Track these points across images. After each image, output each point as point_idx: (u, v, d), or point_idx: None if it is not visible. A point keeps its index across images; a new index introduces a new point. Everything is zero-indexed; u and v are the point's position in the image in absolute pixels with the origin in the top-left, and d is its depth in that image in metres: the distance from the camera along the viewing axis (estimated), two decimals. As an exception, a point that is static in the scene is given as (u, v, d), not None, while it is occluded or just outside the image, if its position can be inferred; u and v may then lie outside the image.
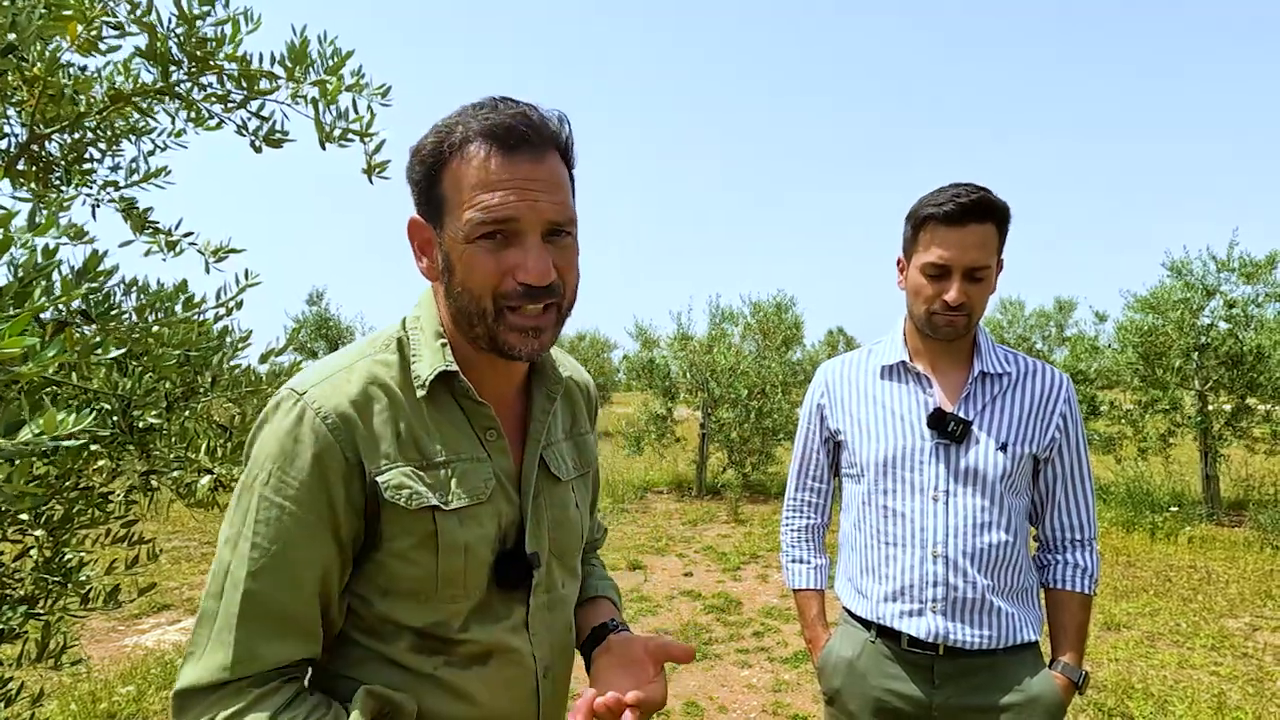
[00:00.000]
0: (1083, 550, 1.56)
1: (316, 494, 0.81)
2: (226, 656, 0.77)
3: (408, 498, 0.84)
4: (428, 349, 0.90)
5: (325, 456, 0.81)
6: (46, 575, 1.53)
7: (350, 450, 0.83)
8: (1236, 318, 7.69)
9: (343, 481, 0.82)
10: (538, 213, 0.83)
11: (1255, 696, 3.71)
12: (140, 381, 1.35)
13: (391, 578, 0.86)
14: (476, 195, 0.82)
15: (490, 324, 0.85)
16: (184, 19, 1.36)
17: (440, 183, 0.85)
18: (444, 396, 0.91)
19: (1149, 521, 7.25)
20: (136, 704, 3.54)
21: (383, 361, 0.89)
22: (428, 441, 0.87)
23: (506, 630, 0.92)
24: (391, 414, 0.86)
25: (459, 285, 0.85)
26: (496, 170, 0.82)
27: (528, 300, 0.84)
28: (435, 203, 0.86)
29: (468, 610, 0.89)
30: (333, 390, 0.84)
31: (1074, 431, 1.55)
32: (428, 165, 0.86)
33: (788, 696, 3.75)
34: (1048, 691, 1.46)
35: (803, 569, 1.75)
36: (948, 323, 1.48)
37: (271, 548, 0.79)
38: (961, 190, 1.43)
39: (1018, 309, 12.69)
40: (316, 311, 14.76)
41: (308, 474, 0.81)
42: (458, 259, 0.84)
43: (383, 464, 0.84)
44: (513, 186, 0.82)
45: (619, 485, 9.69)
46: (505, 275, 0.83)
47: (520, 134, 0.82)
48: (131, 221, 1.63)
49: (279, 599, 0.80)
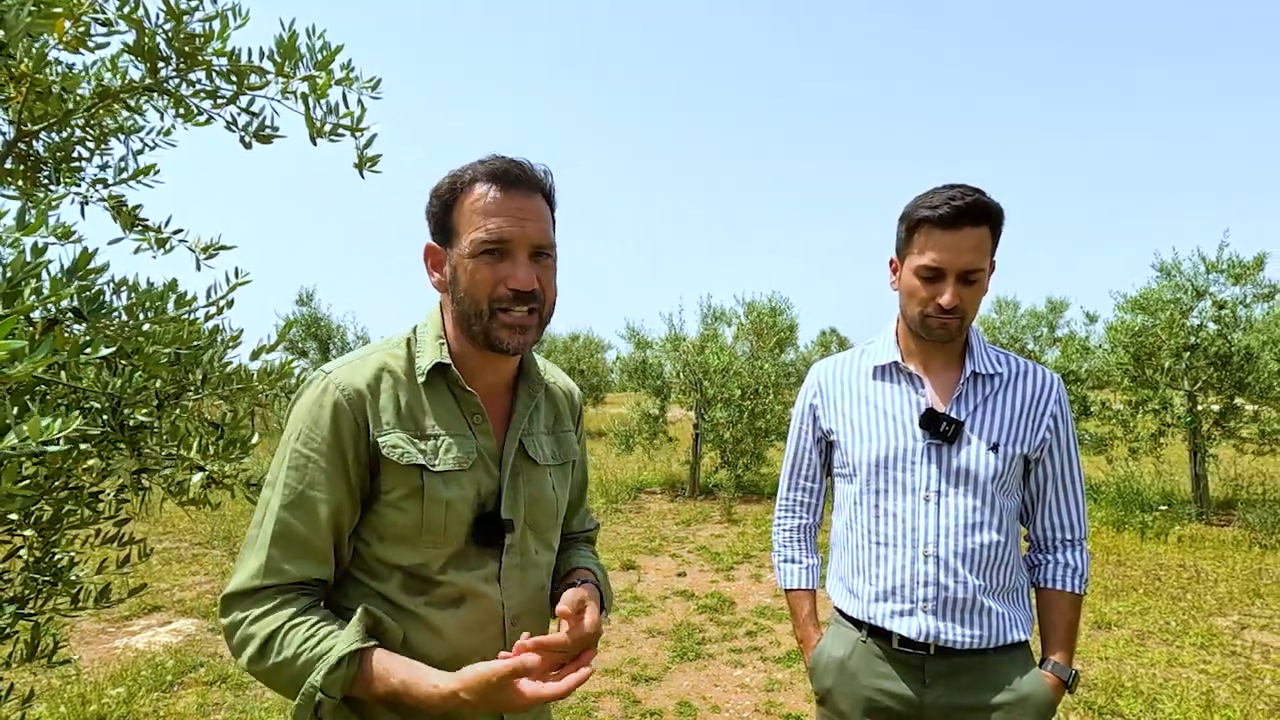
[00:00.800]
0: (1073, 550, 1.56)
1: (334, 449, 1.04)
2: (260, 568, 1.01)
3: (400, 455, 1.06)
4: (429, 347, 1.14)
5: (342, 420, 1.05)
6: (36, 575, 1.52)
7: (361, 417, 1.06)
8: (1225, 318, 7.75)
9: (353, 441, 1.05)
10: (526, 236, 1.07)
11: (1243, 694, 3.74)
12: (131, 380, 1.34)
13: (386, 524, 1.07)
14: (481, 220, 1.06)
15: (486, 322, 1.08)
16: (172, 15, 1.36)
17: (452, 213, 1.09)
18: (439, 384, 1.13)
19: (1139, 521, 7.29)
20: (126, 706, 3.52)
21: (393, 355, 1.13)
22: (423, 417, 1.10)
23: (479, 579, 1.12)
24: (395, 394, 1.10)
25: (463, 292, 1.09)
26: (497, 202, 1.07)
27: (516, 303, 1.07)
28: (447, 229, 1.10)
29: (446, 556, 1.09)
30: (350, 372, 1.09)
31: (1065, 432, 1.55)
32: (443, 200, 1.10)
33: (780, 696, 3.76)
34: (1038, 690, 1.47)
35: (794, 569, 1.75)
36: (941, 325, 1.48)
37: (299, 488, 1.03)
38: (956, 193, 1.43)
39: (1011, 309, 12.74)
40: (307, 312, 14.70)
41: (328, 432, 1.04)
42: (463, 271, 1.08)
43: (385, 429, 1.07)
44: (509, 214, 1.06)
45: (613, 485, 9.69)
46: (499, 283, 1.07)
47: (516, 175, 1.08)
48: (121, 219, 1.62)
49: (302, 527, 1.02)
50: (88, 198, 1.63)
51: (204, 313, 1.51)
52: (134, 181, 1.61)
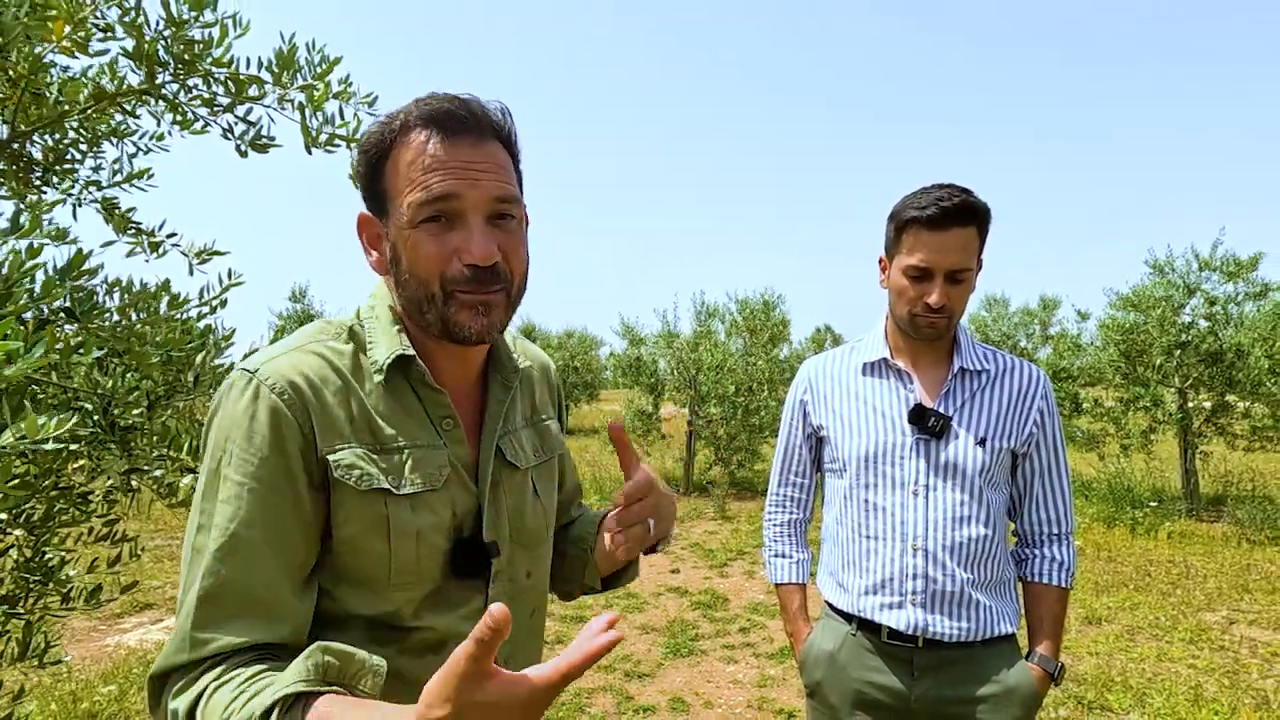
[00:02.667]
0: (1059, 544, 1.59)
1: (277, 468, 0.80)
2: (185, 638, 0.76)
3: (358, 478, 0.83)
4: (384, 335, 0.90)
5: (283, 428, 0.80)
6: (27, 574, 1.52)
7: (305, 423, 0.82)
8: (1216, 316, 7.80)
9: (300, 455, 0.81)
10: (480, 192, 0.84)
11: (1231, 689, 3.78)
12: (122, 380, 1.35)
13: (344, 567, 0.85)
14: (418, 177, 0.83)
15: (441, 307, 0.85)
16: (172, 22, 1.36)
17: (384, 173, 0.86)
18: (400, 383, 0.90)
19: (1130, 517, 7.34)
20: (118, 704, 3.52)
21: (334, 349, 0.89)
22: (382, 426, 0.87)
23: (462, 618, 0.90)
24: (344, 396, 0.86)
25: (406, 273, 0.86)
26: (437, 153, 0.83)
27: (475, 285, 0.84)
28: (380, 194, 0.87)
29: (420, 598, 0.88)
30: (286, 366, 0.84)
31: (1051, 427, 1.58)
32: (370, 157, 0.87)
33: (773, 691, 3.78)
34: (1024, 683, 1.49)
35: (785, 563, 1.77)
36: (929, 324, 1.50)
37: (232, 527, 0.78)
38: (944, 193, 1.45)
39: (1003, 306, 12.79)
40: (300, 308, 14.66)
41: (268, 448, 0.80)
42: (403, 246, 0.85)
43: (336, 443, 0.83)
44: (453, 168, 0.83)
45: (606, 482, 9.70)
46: (450, 258, 0.84)
47: (459, 119, 0.84)
48: (114, 222, 1.62)
49: (240, 579, 0.77)
50: (80, 200, 1.63)
51: (197, 312, 1.52)
52: (128, 185, 1.62)
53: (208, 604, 0.77)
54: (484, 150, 0.85)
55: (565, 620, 4.77)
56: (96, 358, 1.18)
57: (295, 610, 0.81)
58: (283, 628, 0.80)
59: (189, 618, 0.76)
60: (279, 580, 0.80)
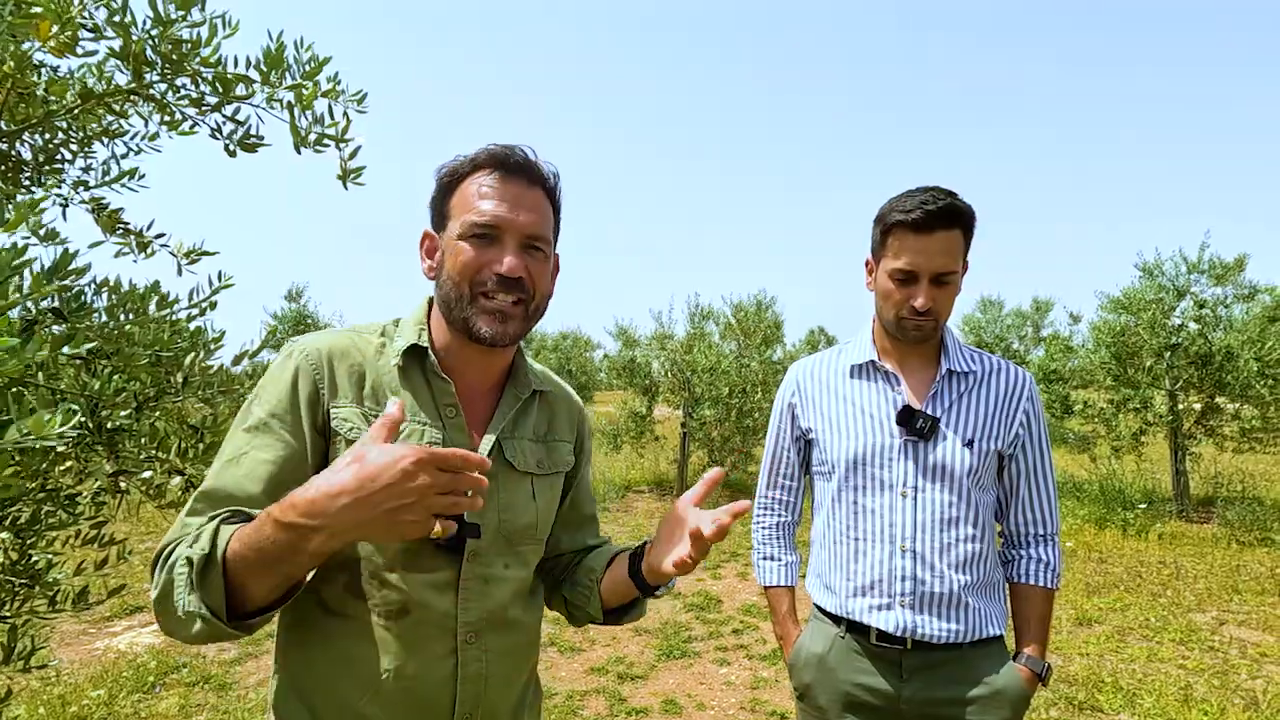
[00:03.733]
0: (1045, 545, 1.59)
1: (290, 409, 0.99)
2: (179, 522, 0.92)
3: (349, 430, 0.99)
4: (408, 332, 1.09)
5: (301, 379, 1.00)
6: (13, 578, 1.51)
7: (320, 380, 1.01)
8: (1206, 318, 7.85)
9: (309, 406, 1.00)
10: (519, 223, 1.03)
11: (1221, 689, 3.80)
12: (110, 381, 1.34)
13: None
14: (475, 203, 1.02)
15: (465, 306, 1.03)
16: (159, 22, 1.36)
17: (451, 197, 1.06)
18: (414, 371, 1.07)
19: (1121, 518, 7.38)
20: (108, 707, 3.50)
21: (365, 338, 1.08)
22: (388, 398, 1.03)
23: (428, 585, 1.02)
24: (360, 370, 1.04)
25: (446, 274, 1.04)
26: (494, 186, 1.03)
27: (500, 289, 1.02)
28: (444, 213, 1.07)
29: (397, 550, 1.00)
30: (318, 340, 1.05)
31: (1037, 428, 1.58)
32: (444, 184, 1.07)
33: (765, 693, 3.78)
34: (1012, 684, 1.50)
35: (773, 566, 1.77)
36: (916, 327, 1.51)
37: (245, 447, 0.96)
38: (929, 197, 1.46)
39: (996, 309, 12.85)
40: (295, 309, 14.62)
41: (287, 390, 0.99)
42: (449, 252, 1.04)
43: (340, 400, 1.01)
44: (504, 199, 1.03)
45: (600, 484, 9.70)
46: (483, 267, 1.02)
47: (517, 163, 1.05)
48: (102, 222, 1.61)
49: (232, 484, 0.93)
50: (69, 200, 1.62)
51: (186, 314, 1.51)
52: (117, 185, 1.61)
53: (202, 499, 0.93)
54: (531, 194, 1.05)
55: (558, 622, 4.77)
56: (84, 357, 1.18)
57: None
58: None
59: (187, 506, 0.94)
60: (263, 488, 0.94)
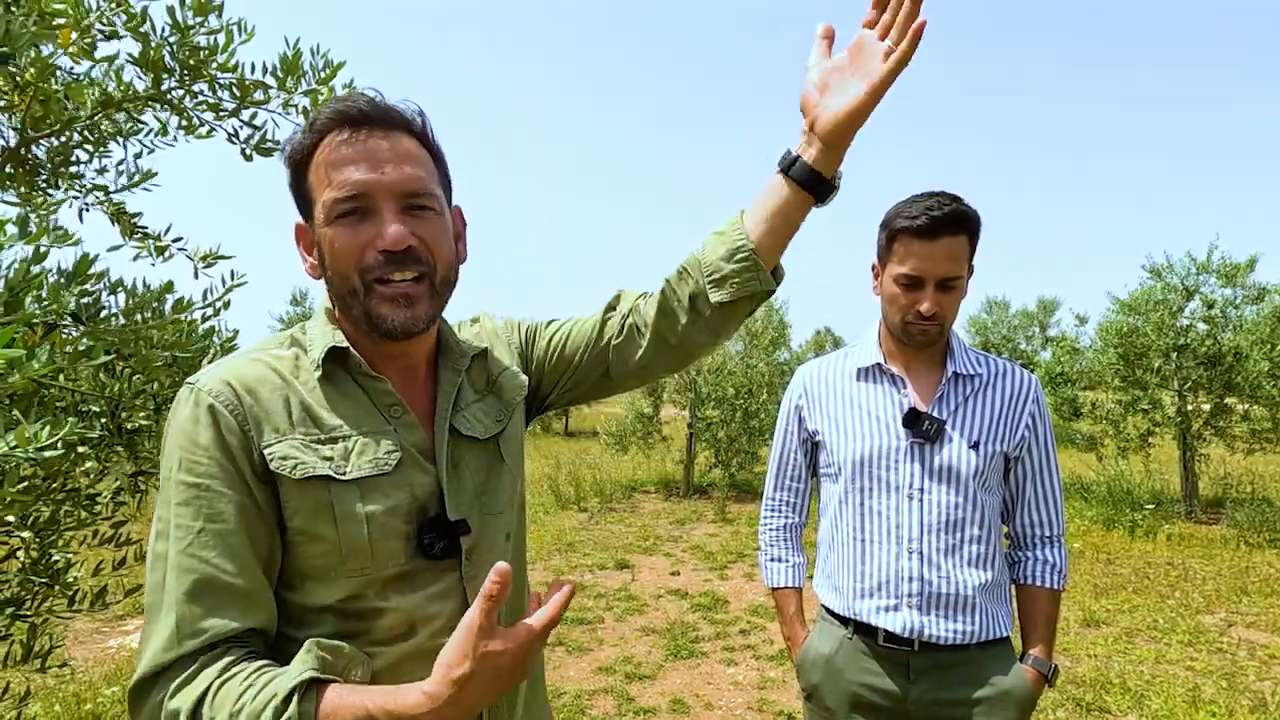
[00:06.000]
0: (1052, 546, 1.60)
1: (225, 465, 0.83)
2: (172, 634, 0.78)
3: (293, 467, 0.84)
4: (320, 335, 0.93)
5: (222, 429, 0.83)
6: (33, 577, 1.54)
7: (242, 421, 0.84)
8: (1215, 319, 7.82)
9: (242, 451, 0.84)
10: (387, 182, 0.86)
11: (1229, 691, 3.79)
12: (129, 383, 1.37)
13: (302, 556, 0.86)
14: (330, 174, 0.86)
15: (363, 300, 0.87)
16: (177, 28, 1.38)
17: (307, 178, 0.89)
18: (340, 376, 0.92)
19: (1129, 519, 7.35)
20: (122, 705, 3.53)
21: (275, 355, 0.92)
22: (325, 417, 0.88)
23: (430, 598, 0.91)
24: (284, 394, 0.88)
25: (330, 270, 0.88)
26: (345, 148, 0.86)
27: (392, 267, 0.86)
28: (307, 199, 0.90)
29: (383, 580, 0.88)
30: (221, 374, 0.87)
31: (1043, 430, 1.59)
32: (295, 164, 0.90)
33: (773, 694, 3.79)
34: (1019, 685, 1.51)
35: (781, 567, 1.79)
36: (921, 331, 1.52)
37: (196, 524, 0.81)
38: (934, 202, 1.47)
39: (1003, 310, 12.82)
40: (300, 312, 14.70)
41: (213, 448, 0.82)
42: (325, 245, 0.88)
43: (271, 438, 0.85)
44: (362, 159, 0.86)
45: (607, 484, 9.72)
46: (365, 249, 0.86)
47: (363, 112, 0.87)
48: (120, 226, 1.63)
49: (214, 570, 0.80)
50: (87, 204, 1.64)
51: (200, 314, 1.53)
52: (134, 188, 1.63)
53: (191, 598, 0.79)
54: (393, 143, 0.88)
55: (565, 622, 4.78)
56: (104, 362, 1.20)
57: (268, 597, 0.84)
58: (262, 613, 0.83)
59: (172, 613, 0.78)
60: (251, 568, 0.82)
